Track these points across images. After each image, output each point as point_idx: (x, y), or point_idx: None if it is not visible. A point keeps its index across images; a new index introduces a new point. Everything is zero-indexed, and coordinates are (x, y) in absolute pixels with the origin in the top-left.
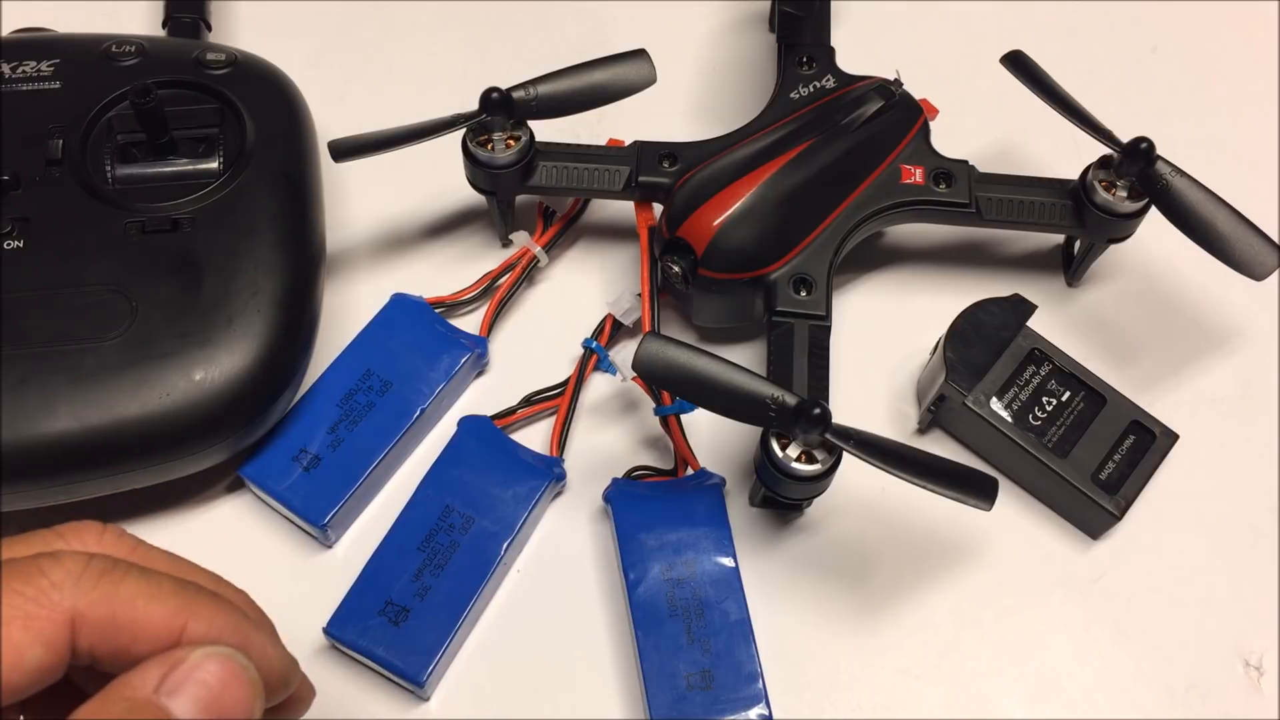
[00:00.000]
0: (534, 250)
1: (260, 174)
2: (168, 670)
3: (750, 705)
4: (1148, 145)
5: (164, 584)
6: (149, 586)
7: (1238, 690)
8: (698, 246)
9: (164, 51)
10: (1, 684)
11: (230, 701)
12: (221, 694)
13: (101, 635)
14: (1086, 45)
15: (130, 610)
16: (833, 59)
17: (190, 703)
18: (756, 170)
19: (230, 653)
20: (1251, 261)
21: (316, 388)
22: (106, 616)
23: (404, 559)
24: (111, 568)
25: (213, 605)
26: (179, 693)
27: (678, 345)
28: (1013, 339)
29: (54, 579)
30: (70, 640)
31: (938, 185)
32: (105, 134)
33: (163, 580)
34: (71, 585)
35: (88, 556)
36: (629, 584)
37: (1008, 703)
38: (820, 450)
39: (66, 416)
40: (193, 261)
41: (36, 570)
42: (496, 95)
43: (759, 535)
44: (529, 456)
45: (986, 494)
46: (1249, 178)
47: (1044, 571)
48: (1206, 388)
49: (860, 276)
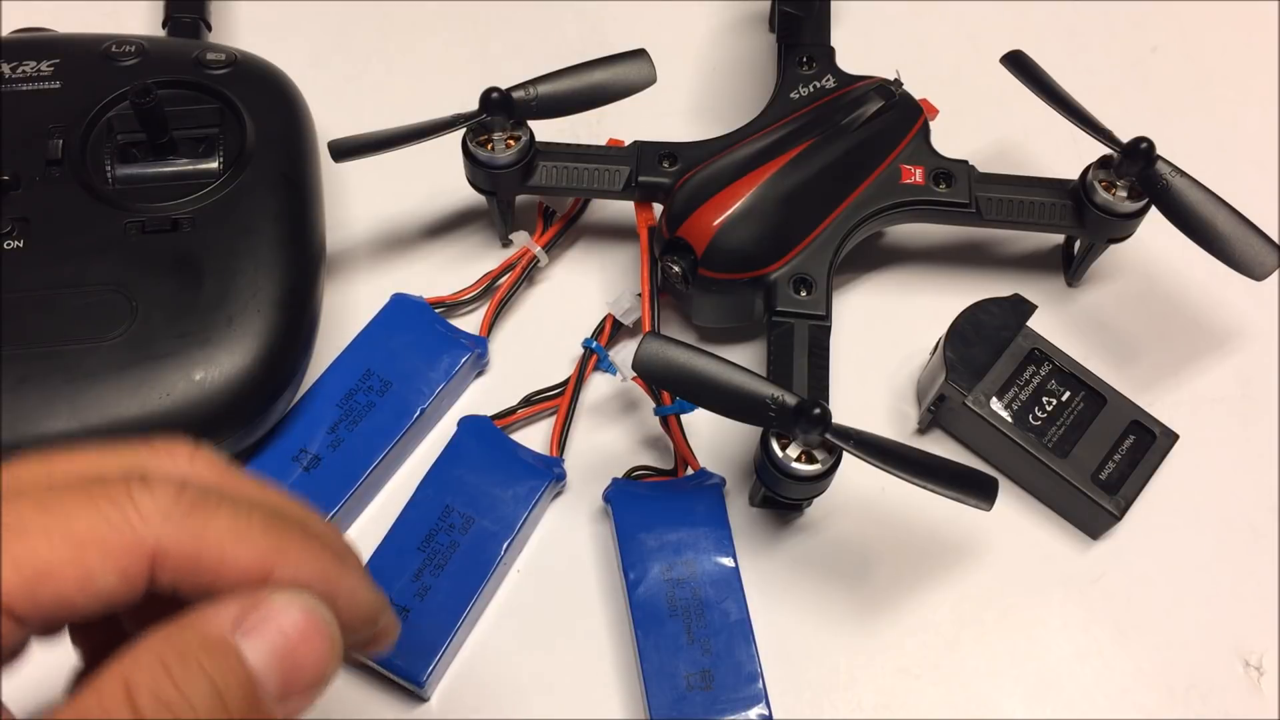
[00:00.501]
0: (534, 250)
1: (260, 174)
2: (247, 610)
3: (750, 705)
4: (1148, 145)
5: (254, 522)
6: (239, 524)
7: (1238, 690)
8: (698, 246)
9: (164, 51)
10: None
11: (307, 654)
12: (299, 645)
13: (184, 571)
14: (1086, 45)
15: (217, 550)
16: (833, 59)
17: (265, 649)
18: (756, 170)
19: (315, 604)
20: (1251, 261)
21: (316, 388)
22: (191, 554)
23: (404, 559)
24: (202, 502)
25: (302, 547)
26: (255, 636)
27: (678, 345)
28: (1013, 339)
29: (143, 510)
30: (148, 574)
31: (938, 185)
32: (105, 134)
33: (253, 517)
34: (160, 519)
35: (179, 487)
36: (629, 584)
37: (1008, 703)
38: (820, 450)
39: (66, 416)
40: (193, 261)
41: (126, 496)
42: (496, 95)
43: (759, 535)
44: (529, 456)
45: (986, 494)
46: (1249, 178)
47: (1044, 571)
48: (1206, 388)
49: (860, 276)
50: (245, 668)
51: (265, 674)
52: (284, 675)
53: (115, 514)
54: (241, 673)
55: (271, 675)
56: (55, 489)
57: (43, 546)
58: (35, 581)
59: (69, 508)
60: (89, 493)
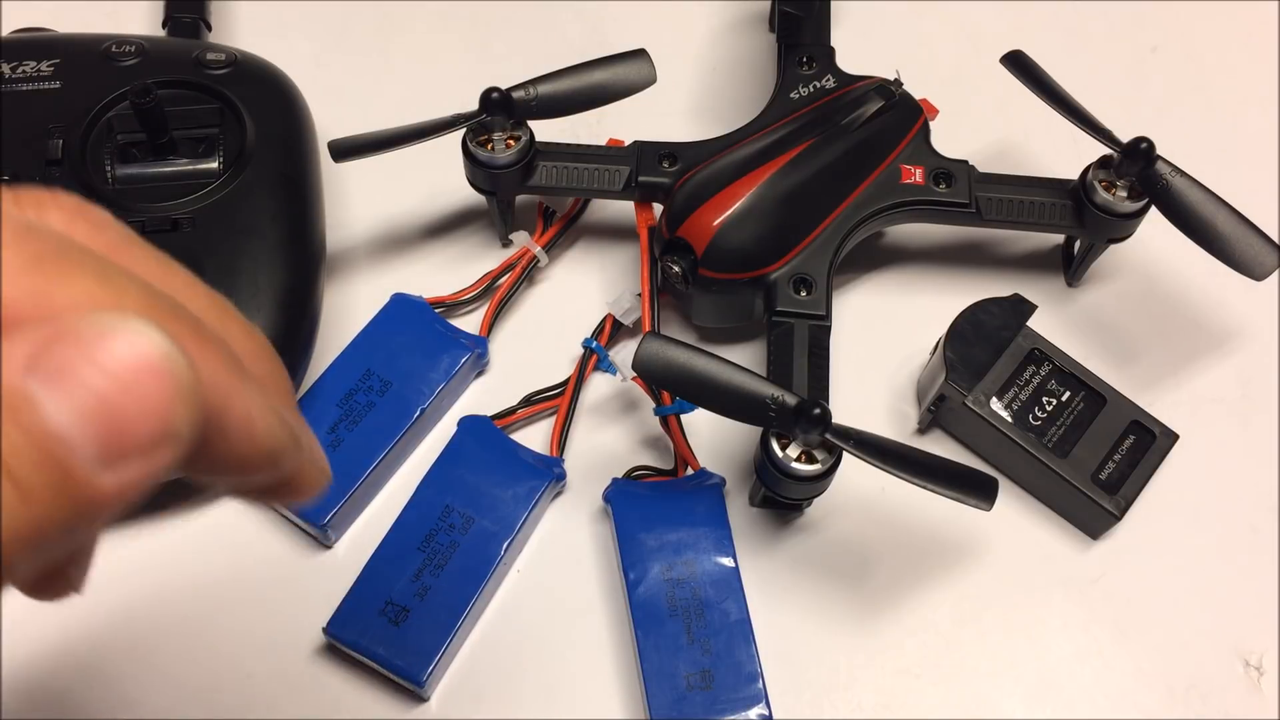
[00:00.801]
0: (534, 250)
1: (260, 174)
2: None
3: (750, 705)
4: (1148, 145)
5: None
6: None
7: (1238, 690)
8: (698, 246)
9: (164, 51)
10: None
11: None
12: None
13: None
14: (1086, 45)
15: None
16: (833, 59)
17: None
18: (756, 170)
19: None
20: (1251, 261)
21: (316, 388)
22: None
23: (404, 559)
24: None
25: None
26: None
27: (678, 345)
28: (1013, 339)
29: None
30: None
31: (938, 185)
32: (105, 134)
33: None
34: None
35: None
36: (629, 584)
37: (1008, 703)
38: (820, 450)
39: None
40: (193, 261)
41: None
42: (496, 95)
43: (759, 535)
44: (529, 456)
45: (986, 494)
46: (1249, 178)
47: (1044, 571)
48: (1206, 388)
49: (860, 276)
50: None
51: (74, 430)
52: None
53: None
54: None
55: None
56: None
57: None
58: None
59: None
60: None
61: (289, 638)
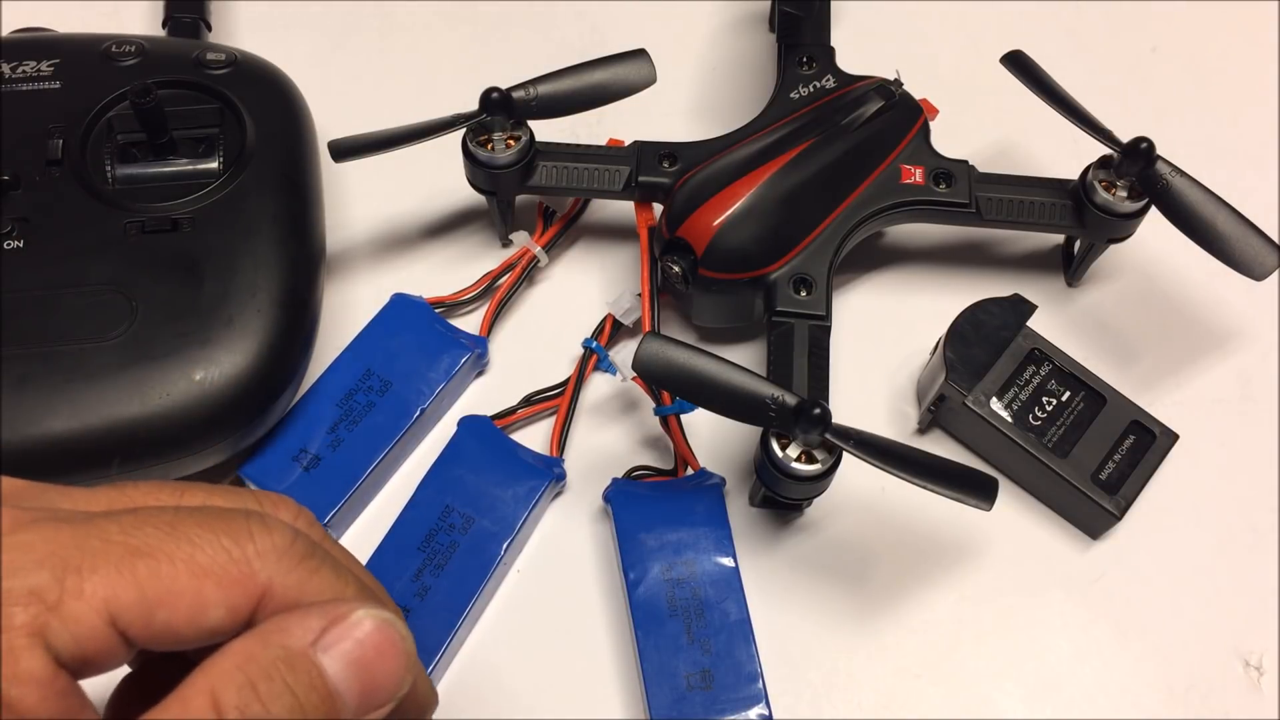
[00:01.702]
0: (534, 250)
1: (260, 174)
2: (328, 624)
3: (750, 705)
4: (1148, 145)
5: (350, 582)
6: (338, 582)
7: (1238, 690)
8: (698, 246)
9: (164, 51)
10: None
11: (383, 669)
12: (376, 660)
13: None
14: (1086, 45)
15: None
16: (833, 59)
17: (344, 663)
18: (756, 170)
19: (390, 619)
20: (1251, 261)
21: (316, 388)
22: (293, 601)
23: (404, 559)
24: (311, 553)
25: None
26: (335, 650)
27: (678, 345)
28: (1013, 339)
29: (260, 548)
30: (252, 613)
31: (938, 185)
32: (105, 134)
33: (349, 578)
34: (274, 560)
35: (294, 533)
36: (629, 584)
37: (1008, 703)
38: (820, 450)
39: (66, 416)
40: (193, 261)
41: (246, 533)
42: (496, 95)
43: (759, 535)
44: (529, 456)
45: (986, 494)
46: (1249, 178)
47: (1044, 571)
48: (1206, 388)
49: (860, 276)
50: (326, 682)
51: (344, 688)
52: (361, 689)
53: (235, 548)
54: (323, 687)
55: (350, 689)
56: (181, 514)
57: (168, 572)
58: (154, 605)
59: (195, 535)
60: (212, 524)
61: None
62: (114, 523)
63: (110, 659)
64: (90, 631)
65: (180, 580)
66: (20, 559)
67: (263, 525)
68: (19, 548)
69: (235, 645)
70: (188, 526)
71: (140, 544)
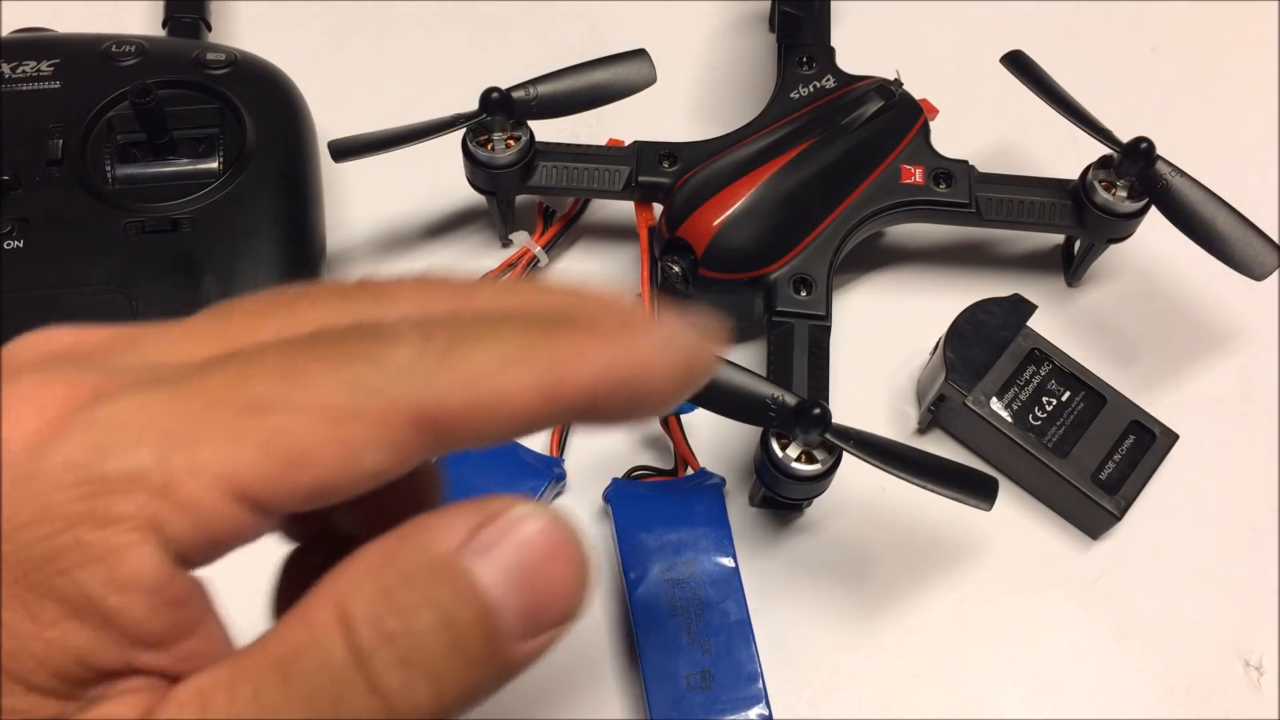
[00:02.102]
0: (534, 250)
1: (260, 174)
2: (480, 524)
3: (750, 705)
4: (1148, 145)
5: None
6: (501, 350)
7: (1238, 690)
8: (698, 246)
9: (164, 51)
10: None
11: (552, 581)
12: (542, 569)
13: (459, 425)
14: (1086, 45)
15: (486, 389)
16: (833, 59)
17: (503, 572)
18: (756, 170)
19: (558, 518)
20: (1251, 261)
21: None
22: (461, 403)
23: None
24: (451, 344)
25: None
26: (491, 556)
27: None
28: (1013, 339)
29: (387, 369)
30: (419, 439)
31: (938, 185)
32: (105, 134)
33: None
34: (408, 376)
35: (421, 329)
36: (629, 584)
37: (1008, 703)
38: (820, 450)
39: None
40: (193, 261)
41: (368, 355)
42: (496, 95)
43: (759, 535)
44: (529, 456)
45: (986, 494)
46: (1249, 178)
47: (1044, 571)
48: (1206, 388)
49: (860, 276)
50: (480, 595)
51: (503, 603)
52: (525, 606)
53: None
54: (475, 602)
55: (510, 605)
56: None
57: (297, 424)
58: (294, 468)
59: (313, 375)
60: (330, 354)
61: None
62: (217, 375)
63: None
64: (213, 514)
65: (315, 430)
66: (114, 437)
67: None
68: (110, 423)
69: (370, 547)
70: (304, 363)
71: (255, 397)
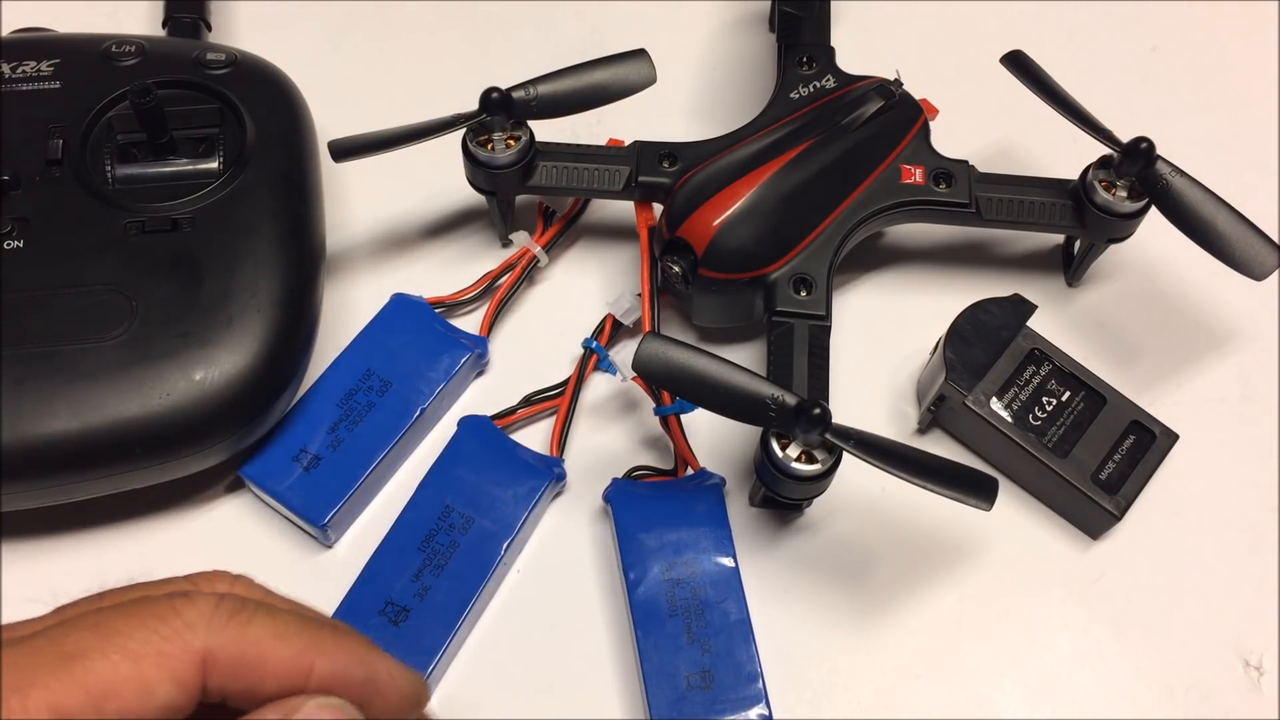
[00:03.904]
0: (534, 250)
1: (260, 174)
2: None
3: (750, 705)
4: (1148, 145)
5: (289, 622)
6: (276, 625)
7: (1238, 690)
8: (698, 246)
9: (164, 51)
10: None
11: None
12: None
13: (231, 674)
14: (1086, 45)
15: (258, 649)
16: (833, 59)
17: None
18: (756, 170)
19: (341, 704)
20: (1251, 261)
21: (316, 388)
22: (236, 656)
23: (404, 559)
24: (241, 608)
25: (336, 639)
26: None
27: (678, 345)
28: (1013, 339)
29: (187, 618)
30: (201, 679)
31: (938, 185)
32: (105, 134)
33: (289, 619)
34: (204, 625)
35: (218, 597)
36: (629, 584)
37: (1008, 703)
38: (820, 450)
39: (66, 416)
40: (193, 261)
41: (171, 609)
42: (496, 95)
43: (759, 535)
44: (529, 456)
45: (986, 494)
46: (1249, 178)
47: (1044, 571)
48: (1206, 388)
49: (860, 276)
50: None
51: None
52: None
53: (164, 626)
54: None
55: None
56: (105, 612)
57: (104, 666)
58: (101, 699)
59: (121, 626)
60: (136, 612)
61: None
62: (43, 637)
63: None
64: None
65: (118, 669)
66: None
67: (186, 600)
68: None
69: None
70: (113, 620)
71: (72, 648)
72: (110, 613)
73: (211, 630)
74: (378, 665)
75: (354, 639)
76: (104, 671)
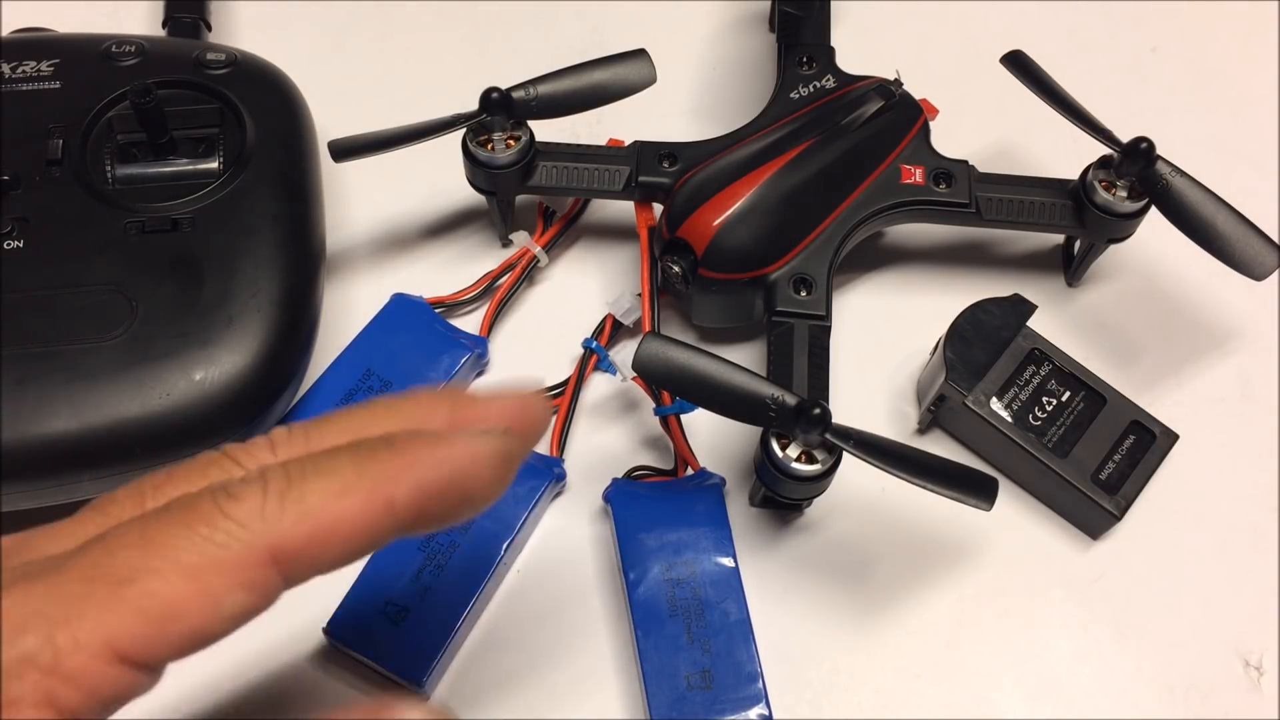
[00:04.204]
0: (534, 250)
1: (260, 174)
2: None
3: (750, 705)
4: (1148, 145)
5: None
6: (333, 482)
7: (1238, 690)
8: (698, 246)
9: (164, 51)
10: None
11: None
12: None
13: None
14: (1086, 45)
15: (326, 517)
16: (833, 59)
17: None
18: (756, 170)
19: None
20: (1251, 261)
21: (316, 388)
22: (305, 536)
23: (404, 559)
24: (289, 483)
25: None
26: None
27: (678, 345)
28: (1013, 339)
29: (239, 518)
30: (274, 576)
31: (938, 185)
32: (105, 134)
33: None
34: (258, 521)
35: (260, 480)
36: (629, 584)
37: (1008, 703)
38: (820, 450)
39: (66, 416)
40: (193, 261)
41: (218, 512)
42: (496, 95)
43: (759, 535)
44: (529, 456)
45: (986, 494)
46: (1249, 178)
47: (1044, 571)
48: (1206, 388)
49: (860, 276)
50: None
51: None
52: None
53: (216, 533)
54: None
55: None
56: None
57: (159, 586)
58: (163, 623)
59: (168, 539)
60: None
61: (288, 638)
62: (85, 559)
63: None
64: (100, 679)
65: (176, 588)
66: (4, 629)
67: (230, 498)
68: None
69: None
70: (158, 532)
71: (122, 569)
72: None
73: (268, 524)
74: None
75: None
76: (161, 592)
